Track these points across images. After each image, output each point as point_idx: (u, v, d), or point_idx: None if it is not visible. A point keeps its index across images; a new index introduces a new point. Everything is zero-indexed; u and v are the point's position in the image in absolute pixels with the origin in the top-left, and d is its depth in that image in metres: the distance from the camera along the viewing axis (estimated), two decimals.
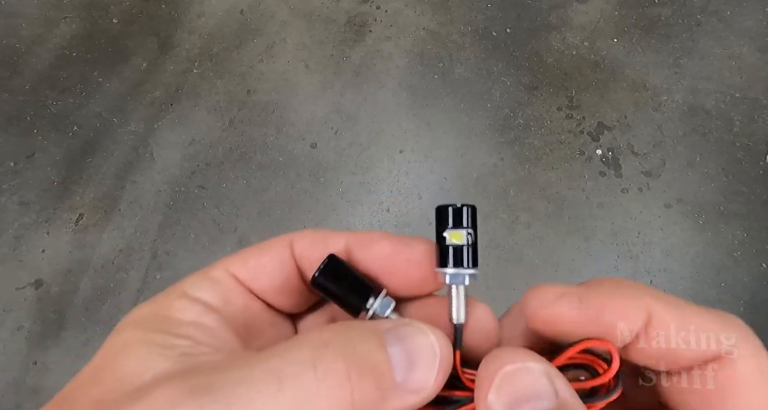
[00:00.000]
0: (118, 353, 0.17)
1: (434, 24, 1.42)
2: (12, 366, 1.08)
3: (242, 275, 0.21)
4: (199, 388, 0.15)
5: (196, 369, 0.16)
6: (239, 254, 0.21)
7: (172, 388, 0.15)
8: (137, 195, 1.25)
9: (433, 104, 1.32)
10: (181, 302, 0.19)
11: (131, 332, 0.18)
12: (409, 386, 0.17)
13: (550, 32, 1.39)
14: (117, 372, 0.16)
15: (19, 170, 1.27)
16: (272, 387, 0.15)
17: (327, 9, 1.45)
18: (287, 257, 0.21)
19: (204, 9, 1.47)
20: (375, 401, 0.16)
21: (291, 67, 1.38)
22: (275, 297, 0.21)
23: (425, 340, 0.18)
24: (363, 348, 0.17)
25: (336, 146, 1.28)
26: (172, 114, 1.33)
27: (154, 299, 0.20)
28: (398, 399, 0.17)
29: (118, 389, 0.16)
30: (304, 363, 0.16)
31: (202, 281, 0.20)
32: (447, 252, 0.20)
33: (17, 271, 1.17)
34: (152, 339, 0.17)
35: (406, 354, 0.17)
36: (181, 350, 0.17)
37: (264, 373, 0.15)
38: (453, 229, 0.20)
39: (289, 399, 0.15)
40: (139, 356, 0.17)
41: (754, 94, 1.28)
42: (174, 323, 0.18)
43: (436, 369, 0.17)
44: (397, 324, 0.18)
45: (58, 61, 1.40)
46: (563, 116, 1.29)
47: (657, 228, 1.17)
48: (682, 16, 1.39)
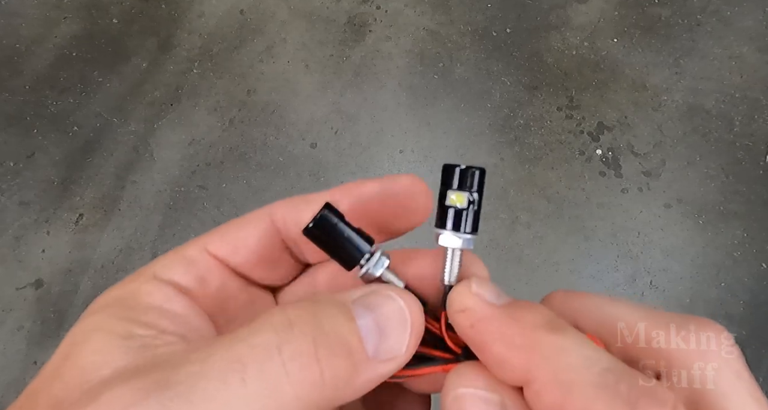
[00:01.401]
0: (79, 344, 0.17)
1: (434, 24, 1.42)
2: (12, 366, 1.08)
3: (221, 250, 0.20)
4: (157, 385, 0.14)
5: (154, 364, 0.15)
6: (217, 230, 0.21)
7: (127, 387, 0.14)
8: (137, 195, 1.25)
9: (433, 103, 1.32)
10: (150, 285, 0.19)
11: (94, 319, 0.17)
12: (381, 356, 0.17)
13: (550, 32, 1.39)
14: (76, 367, 0.16)
15: (19, 170, 1.27)
16: (236, 377, 0.14)
17: (327, 9, 1.45)
18: (268, 226, 0.21)
19: (204, 9, 1.47)
20: (347, 376, 0.16)
21: (291, 67, 1.38)
22: (256, 270, 0.21)
23: (395, 307, 0.17)
24: (330, 323, 0.16)
25: (336, 146, 1.28)
26: (172, 114, 1.33)
27: (124, 281, 0.19)
28: (371, 370, 0.16)
29: (77, 386, 0.15)
30: (269, 347, 0.15)
31: (175, 260, 0.20)
32: (446, 214, 0.19)
33: (17, 271, 1.17)
34: (113, 329, 0.17)
35: (376, 324, 0.17)
36: (143, 341, 0.16)
37: (226, 362, 0.15)
38: (456, 190, 0.19)
39: (256, 388, 0.14)
40: (98, 348, 0.16)
41: (754, 94, 1.28)
42: (139, 309, 0.18)
43: (407, 335, 0.17)
44: (365, 293, 0.18)
45: (58, 61, 1.40)
46: (563, 116, 1.29)
47: (657, 228, 1.17)
48: (682, 16, 1.39)
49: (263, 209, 0.21)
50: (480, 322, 0.17)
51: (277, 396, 0.15)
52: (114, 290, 0.19)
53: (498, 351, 0.17)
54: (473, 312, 0.18)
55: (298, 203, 0.21)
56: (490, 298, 0.18)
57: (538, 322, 0.17)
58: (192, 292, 0.19)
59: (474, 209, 0.19)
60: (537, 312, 0.17)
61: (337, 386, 0.16)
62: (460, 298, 0.18)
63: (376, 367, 0.16)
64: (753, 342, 1.05)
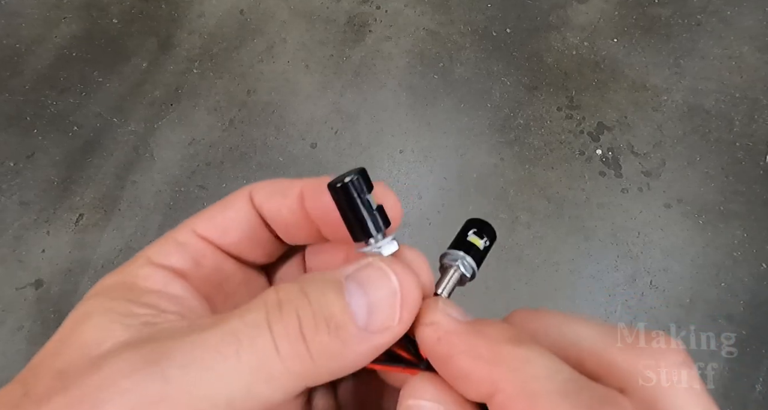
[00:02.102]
0: (80, 322, 0.17)
1: (434, 24, 1.42)
2: (12, 366, 1.08)
3: (210, 233, 0.21)
4: (156, 355, 0.15)
5: (154, 336, 0.16)
6: (203, 214, 0.21)
7: (128, 355, 0.15)
8: (137, 195, 1.25)
9: (433, 103, 1.32)
10: (146, 269, 0.19)
11: (94, 301, 0.18)
12: (372, 328, 0.17)
13: (550, 32, 1.39)
14: (78, 342, 0.16)
15: (19, 170, 1.27)
16: (231, 349, 0.15)
17: (327, 9, 1.45)
18: (250, 208, 0.21)
19: (204, 9, 1.47)
20: (336, 351, 0.16)
21: (291, 67, 1.38)
22: (246, 250, 0.21)
23: (386, 280, 0.18)
24: (319, 300, 0.17)
25: (336, 146, 1.28)
26: (172, 114, 1.33)
27: (120, 268, 0.20)
28: (363, 343, 0.17)
29: (79, 358, 0.16)
30: (260, 324, 0.16)
31: (168, 245, 0.20)
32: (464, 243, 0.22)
33: (17, 271, 1.17)
34: (113, 308, 0.17)
35: (366, 297, 0.17)
36: (143, 318, 0.17)
37: (222, 335, 0.15)
38: (475, 235, 0.22)
39: (249, 360, 0.15)
40: (99, 325, 0.17)
41: (754, 94, 1.28)
42: (138, 291, 0.18)
43: (397, 307, 0.17)
44: (359, 266, 0.18)
45: (58, 61, 1.40)
46: (563, 116, 1.29)
47: (657, 228, 1.17)
48: (682, 16, 1.39)
49: (242, 190, 0.22)
50: (447, 335, 0.18)
51: (268, 369, 0.15)
52: (110, 276, 0.19)
53: (464, 364, 0.17)
54: (440, 325, 0.18)
55: (275, 192, 0.21)
56: (456, 315, 0.18)
57: (502, 336, 0.17)
58: (187, 275, 0.20)
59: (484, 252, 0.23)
60: (501, 327, 0.18)
61: (327, 361, 0.16)
62: (429, 312, 0.18)
63: (370, 339, 0.17)
64: (753, 342, 1.05)
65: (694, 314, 1.08)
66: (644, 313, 1.09)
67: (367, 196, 0.19)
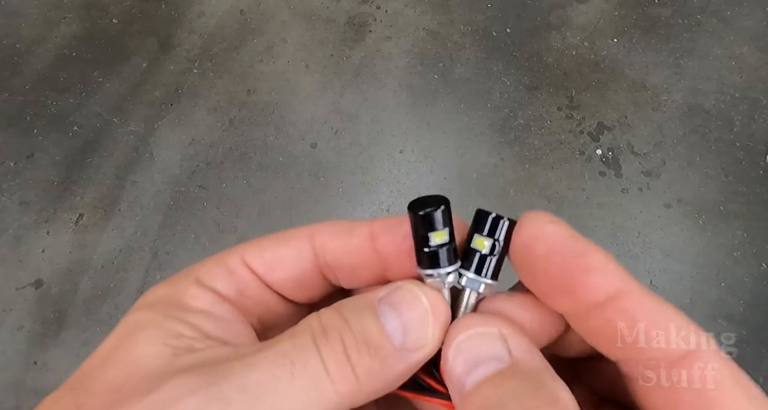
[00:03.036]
0: (131, 335, 0.18)
1: (434, 24, 1.42)
2: (12, 366, 1.08)
3: (258, 265, 0.20)
4: (214, 376, 0.15)
5: (204, 361, 0.16)
6: (257, 244, 0.21)
7: (188, 376, 0.15)
8: (137, 195, 1.24)
9: (433, 103, 1.32)
10: (195, 289, 0.19)
11: (144, 313, 0.18)
12: (408, 346, 0.18)
13: (550, 32, 1.39)
14: (130, 356, 0.17)
15: (19, 170, 1.27)
16: (285, 371, 0.16)
17: (327, 9, 1.45)
18: (306, 249, 0.21)
19: (204, 9, 1.47)
20: (378, 371, 0.17)
21: (291, 67, 1.38)
22: (291, 290, 0.21)
23: (417, 302, 0.18)
24: (357, 324, 0.17)
25: (336, 146, 1.28)
26: (172, 114, 1.33)
27: (169, 281, 0.20)
28: (401, 362, 0.17)
29: (133, 375, 0.16)
30: (309, 347, 0.17)
31: (217, 269, 0.20)
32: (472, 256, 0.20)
33: (17, 271, 1.17)
34: (162, 324, 0.18)
35: (400, 318, 0.18)
36: (188, 342, 0.17)
37: (275, 357, 0.16)
38: (481, 235, 0.20)
39: (303, 382, 0.16)
40: (149, 341, 0.17)
41: (754, 94, 1.28)
42: (186, 309, 0.19)
43: (430, 327, 0.18)
44: (390, 290, 0.19)
45: (58, 61, 1.40)
46: (563, 116, 1.29)
47: (657, 228, 1.17)
48: (682, 16, 1.39)
49: (305, 229, 0.21)
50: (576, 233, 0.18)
51: (320, 390, 0.16)
52: (159, 289, 0.20)
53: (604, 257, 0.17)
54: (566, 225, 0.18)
55: (341, 232, 0.21)
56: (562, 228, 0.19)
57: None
58: (233, 301, 0.20)
59: (497, 257, 0.20)
60: None
61: (370, 380, 0.17)
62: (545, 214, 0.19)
63: (406, 357, 0.18)
64: (753, 342, 1.05)
65: (694, 314, 1.08)
66: None
67: (444, 230, 0.19)
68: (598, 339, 0.18)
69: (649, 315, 0.16)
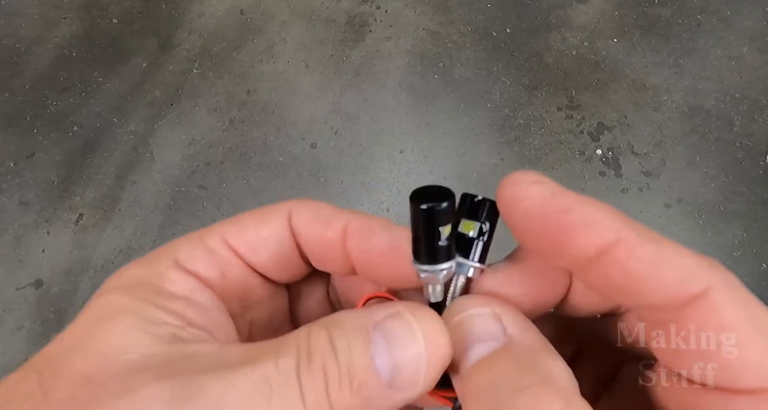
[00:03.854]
0: (104, 319, 0.16)
1: (434, 24, 1.42)
2: (12, 366, 1.08)
3: (240, 247, 0.20)
4: (190, 389, 0.15)
5: (186, 364, 0.16)
6: (236, 222, 0.20)
7: (164, 384, 0.15)
8: (137, 195, 1.25)
9: (433, 103, 1.32)
10: (175, 273, 0.18)
11: (119, 297, 0.17)
12: (396, 385, 0.16)
13: (550, 32, 1.39)
14: (103, 344, 0.16)
15: (19, 170, 1.27)
16: (263, 398, 0.15)
17: (327, 9, 1.45)
18: (286, 229, 0.20)
19: (204, 9, 1.47)
20: (358, 406, 0.16)
21: (291, 67, 1.38)
22: (273, 270, 0.21)
23: (411, 339, 0.17)
24: (343, 354, 0.16)
25: (336, 146, 1.28)
26: (172, 114, 1.33)
27: (144, 261, 0.19)
28: (386, 399, 0.16)
29: (107, 365, 0.15)
30: (290, 374, 0.16)
31: (197, 250, 0.19)
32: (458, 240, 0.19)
33: (17, 271, 1.17)
34: (141, 311, 0.17)
35: (390, 356, 0.16)
36: (171, 330, 0.17)
37: (256, 380, 0.15)
38: (467, 219, 0.19)
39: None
40: (126, 329, 0.16)
41: (754, 94, 1.28)
42: (165, 294, 0.18)
43: (422, 369, 0.17)
44: (387, 315, 0.17)
45: (58, 61, 1.40)
46: (563, 116, 1.29)
47: (657, 228, 1.16)
48: (682, 16, 1.39)
49: (283, 205, 0.21)
50: (560, 190, 0.17)
51: None
52: (133, 269, 0.18)
53: (589, 210, 0.16)
54: (549, 183, 0.17)
55: (317, 219, 0.20)
56: None
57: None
58: (212, 285, 0.19)
59: (484, 240, 0.19)
60: None
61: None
62: (532, 174, 0.18)
63: (392, 396, 0.16)
64: None
65: None
66: None
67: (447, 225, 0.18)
68: (602, 291, 0.17)
69: (643, 264, 0.15)
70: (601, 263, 0.16)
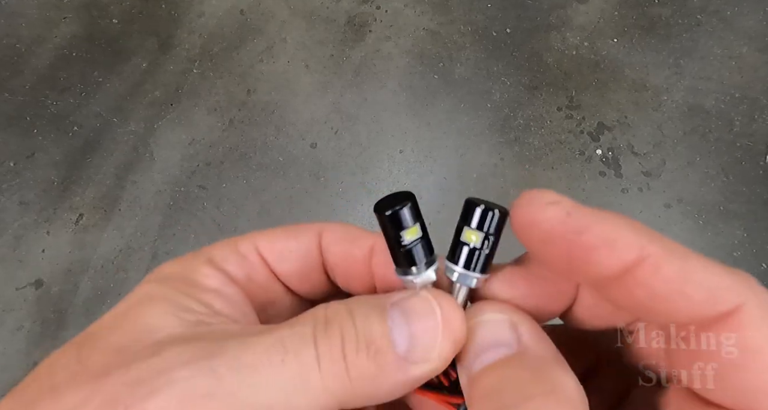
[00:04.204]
0: (140, 304, 0.18)
1: (434, 24, 1.42)
2: (12, 366, 1.08)
3: (268, 255, 0.21)
4: (209, 350, 0.16)
5: (209, 334, 0.17)
6: (268, 234, 0.21)
7: (186, 346, 0.16)
8: (137, 195, 1.25)
9: (433, 103, 1.32)
10: (207, 268, 0.20)
11: (156, 286, 0.19)
12: (411, 358, 0.17)
13: (550, 32, 1.39)
14: (137, 323, 0.17)
15: (19, 170, 1.27)
16: (278, 358, 0.16)
17: (327, 9, 1.45)
18: (314, 246, 0.21)
19: (204, 9, 1.47)
20: (373, 375, 0.16)
21: (291, 67, 1.38)
22: (296, 282, 0.22)
23: (429, 312, 0.17)
24: (362, 323, 0.17)
25: (336, 146, 1.28)
26: (172, 114, 1.33)
27: (181, 259, 0.20)
28: (400, 372, 0.17)
29: (138, 340, 0.16)
30: (307, 337, 0.16)
31: (230, 252, 0.20)
32: (461, 250, 0.19)
33: (17, 271, 1.17)
34: (173, 298, 0.18)
35: (408, 327, 0.17)
36: (199, 316, 0.18)
37: (272, 342, 0.16)
38: (471, 228, 0.19)
39: (292, 371, 0.16)
40: (159, 311, 0.17)
41: (754, 94, 1.28)
42: (197, 286, 0.19)
43: (438, 341, 0.17)
44: (404, 296, 0.18)
45: (58, 61, 1.40)
46: (563, 116, 1.29)
47: (657, 228, 1.16)
48: (682, 16, 1.39)
49: (315, 225, 0.22)
50: (576, 209, 0.16)
51: (308, 383, 0.16)
52: (170, 265, 0.20)
53: (608, 228, 0.16)
54: (566, 203, 0.17)
55: (346, 238, 0.21)
56: None
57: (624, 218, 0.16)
58: (242, 285, 0.20)
59: (487, 252, 0.19)
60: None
61: (363, 384, 0.16)
62: (548, 193, 0.17)
63: (407, 369, 0.17)
64: None
65: None
66: None
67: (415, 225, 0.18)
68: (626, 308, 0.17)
69: (669, 283, 0.15)
70: (625, 282, 0.15)
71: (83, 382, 0.15)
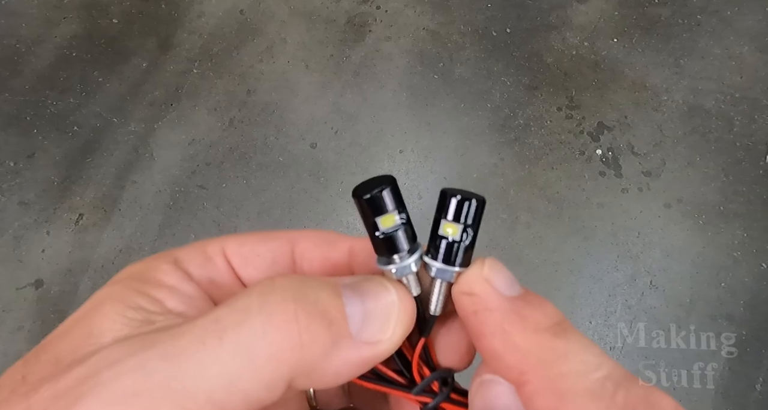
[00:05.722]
0: (92, 309, 0.17)
1: (434, 24, 1.42)
2: (12, 366, 1.08)
3: (234, 258, 0.20)
4: (138, 346, 0.15)
5: (150, 331, 0.16)
6: (239, 237, 0.21)
7: (116, 347, 0.15)
8: (137, 195, 1.24)
9: (433, 103, 1.32)
10: (168, 266, 0.19)
11: (112, 288, 0.18)
12: (364, 337, 0.16)
13: (550, 32, 1.39)
14: (83, 330, 0.17)
15: (19, 170, 1.27)
16: (214, 337, 0.15)
17: (327, 9, 1.45)
18: (284, 253, 0.21)
19: (204, 9, 1.47)
20: (326, 345, 0.15)
21: (291, 67, 1.38)
22: None
23: (385, 294, 0.17)
24: (315, 294, 0.16)
25: (336, 146, 1.28)
26: (172, 114, 1.33)
27: (148, 259, 0.20)
28: (352, 349, 0.16)
29: (79, 347, 0.16)
30: (249, 308, 0.15)
31: (196, 253, 0.20)
32: (439, 244, 0.18)
33: (17, 271, 1.17)
34: (125, 298, 0.17)
35: (363, 305, 0.17)
36: (147, 315, 0.17)
37: (207, 323, 0.15)
38: (447, 220, 0.18)
39: (232, 347, 0.14)
40: (107, 314, 0.17)
41: (754, 94, 1.28)
42: (151, 283, 0.18)
43: (393, 323, 0.17)
44: (359, 279, 0.17)
45: (58, 61, 1.40)
46: (563, 116, 1.29)
47: (657, 228, 1.17)
48: (682, 16, 1.39)
49: (289, 233, 0.21)
50: (484, 312, 0.17)
51: (251, 355, 0.14)
52: (134, 266, 0.20)
53: (495, 346, 0.16)
54: (479, 299, 0.17)
55: (323, 242, 0.21)
56: (501, 287, 0.17)
57: (544, 323, 0.16)
58: (203, 286, 0.20)
59: (467, 244, 0.18)
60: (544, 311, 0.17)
61: (314, 353, 0.15)
62: (469, 281, 0.17)
63: (358, 347, 0.16)
64: (753, 342, 1.05)
65: (694, 314, 1.08)
66: (644, 313, 1.09)
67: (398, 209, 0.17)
68: None
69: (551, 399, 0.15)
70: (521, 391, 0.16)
71: (16, 402, 0.15)
